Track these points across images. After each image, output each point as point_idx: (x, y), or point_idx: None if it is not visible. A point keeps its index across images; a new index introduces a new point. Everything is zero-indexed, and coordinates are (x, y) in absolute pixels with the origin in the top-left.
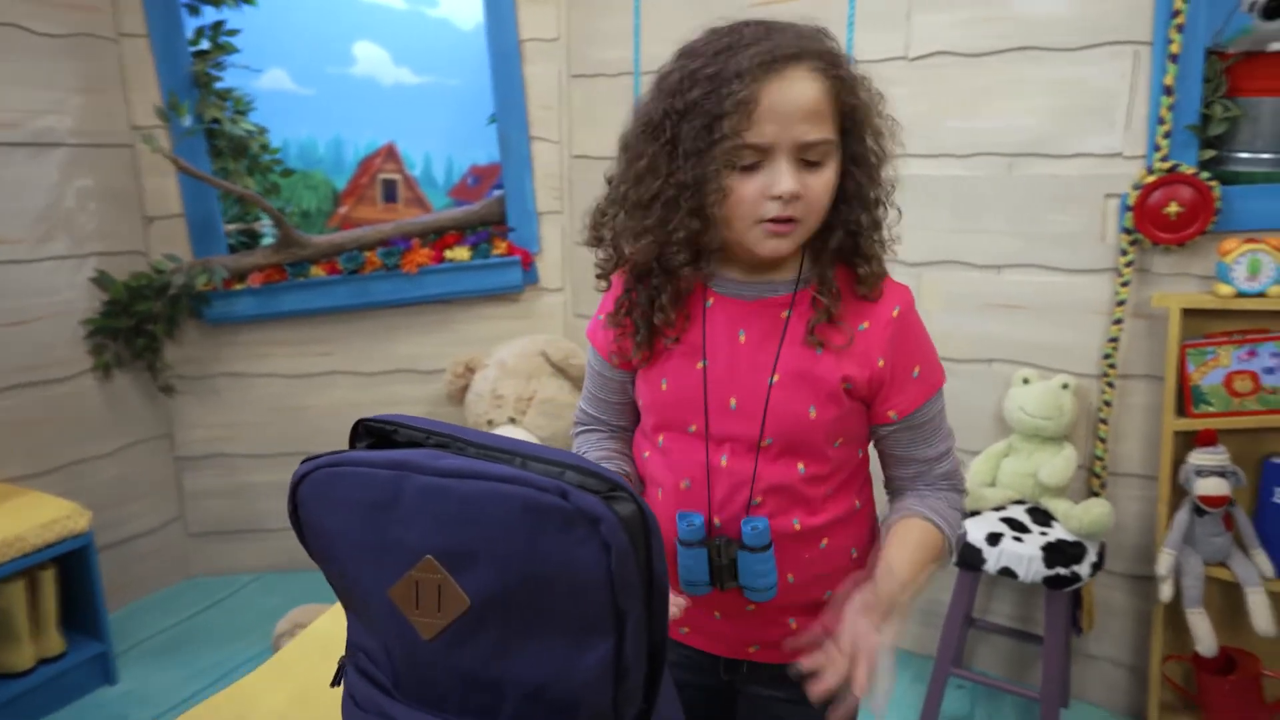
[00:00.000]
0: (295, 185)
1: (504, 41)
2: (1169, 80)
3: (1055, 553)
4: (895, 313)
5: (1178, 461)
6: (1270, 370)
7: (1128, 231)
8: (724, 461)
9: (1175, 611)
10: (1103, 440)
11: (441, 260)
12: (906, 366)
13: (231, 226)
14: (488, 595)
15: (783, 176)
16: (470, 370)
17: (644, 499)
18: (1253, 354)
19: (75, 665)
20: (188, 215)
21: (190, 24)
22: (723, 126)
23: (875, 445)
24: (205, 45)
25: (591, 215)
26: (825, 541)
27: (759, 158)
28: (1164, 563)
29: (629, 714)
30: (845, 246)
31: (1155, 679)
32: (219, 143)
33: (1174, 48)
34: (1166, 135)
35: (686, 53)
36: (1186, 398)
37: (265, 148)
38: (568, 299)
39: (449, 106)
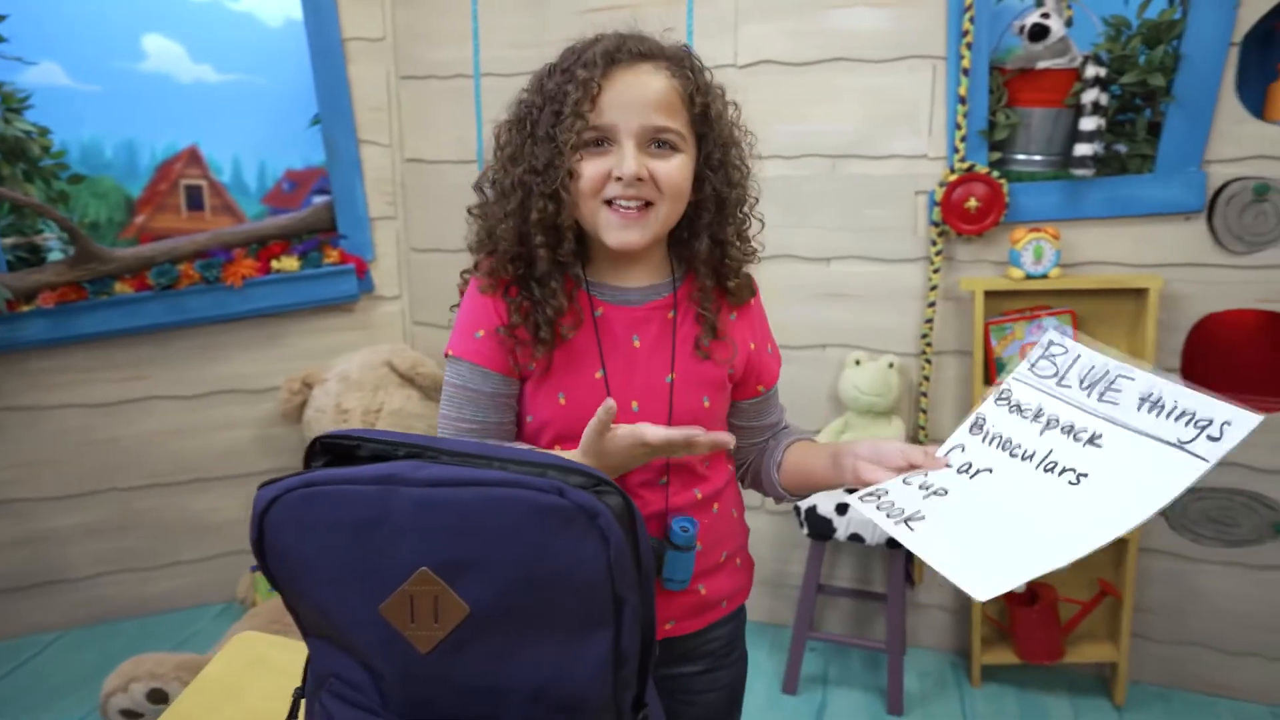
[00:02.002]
0: (80, 193)
1: (325, 40)
2: (962, 91)
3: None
4: (752, 300)
5: None
6: None
7: (936, 224)
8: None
9: None
10: (924, 411)
11: (268, 271)
12: (765, 344)
13: (8, 241)
14: (488, 601)
15: (626, 158)
16: (308, 386)
17: None
18: (1040, 327)
19: None
20: None
21: None
22: (568, 109)
23: (731, 419)
24: None
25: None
26: (717, 506)
27: (605, 139)
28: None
29: (627, 701)
30: (713, 258)
31: (976, 618)
32: None
33: (965, 63)
34: (963, 139)
35: (552, 61)
36: (991, 368)
37: (48, 151)
38: (405, 307)
39: (259, 107)
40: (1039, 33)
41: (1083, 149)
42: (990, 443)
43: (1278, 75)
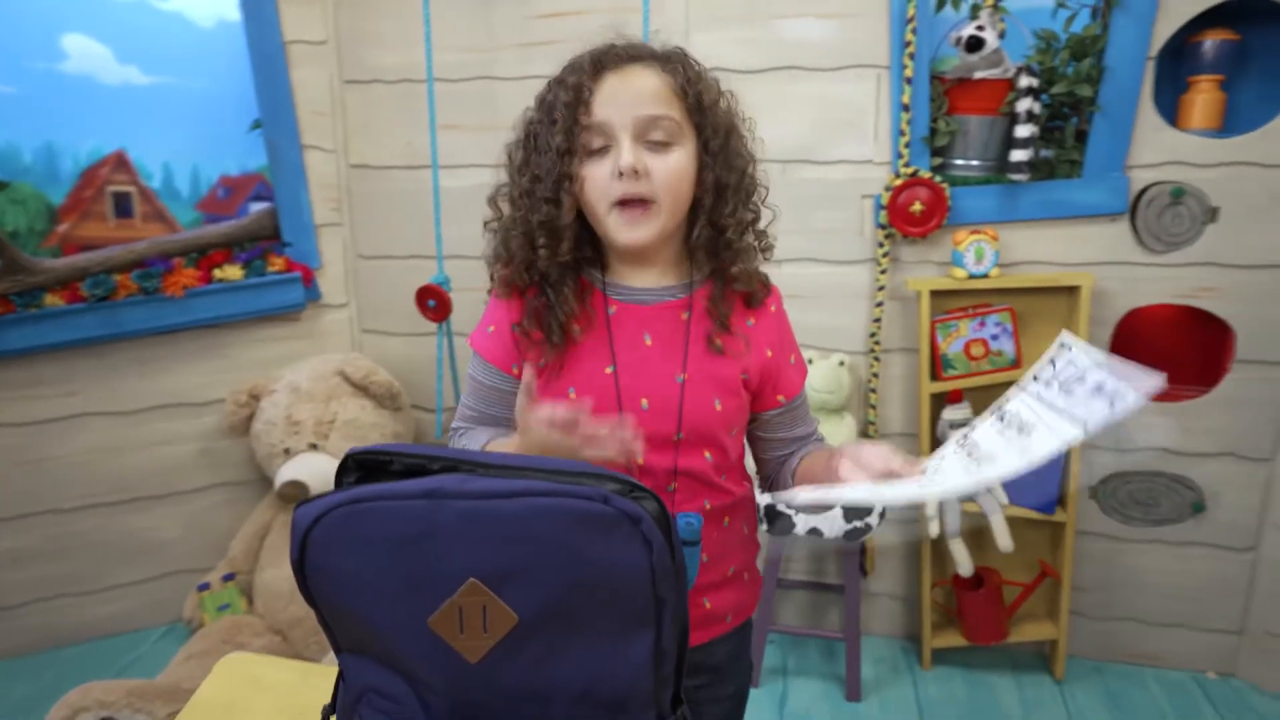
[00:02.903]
0: None
1: (266, 43)
2: (906, 99)
3: (850, 509)
4: (773, 309)
5: (934, 419)
6: (995, 337)
7: (882, 227)
8: (640, 459)
9: (936, 544)
10: (873, 407)
11: (210, 281)
12: (786, 355)
13: None
14: (535, 608)
15: (623, 151)
16: (255, 398)
17: None
18: (983, 324)
19: None
20: None
21: None
22: (559, 113)
23: (755, 431)
24: None
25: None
26: (728, 520)
27: (603, 141)
28: (932, 504)
29: (666, 698)
30: (715, 244)
31: (926, 603)
32: None
33: (908, 72)
34: (907, 145)
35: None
36: (937, 365)
37: None
38: (353, 315)
39: (191, 111)
40: (975, 44)
41: (1018, 155)
42: (965, 449)
43: (1188, 87)
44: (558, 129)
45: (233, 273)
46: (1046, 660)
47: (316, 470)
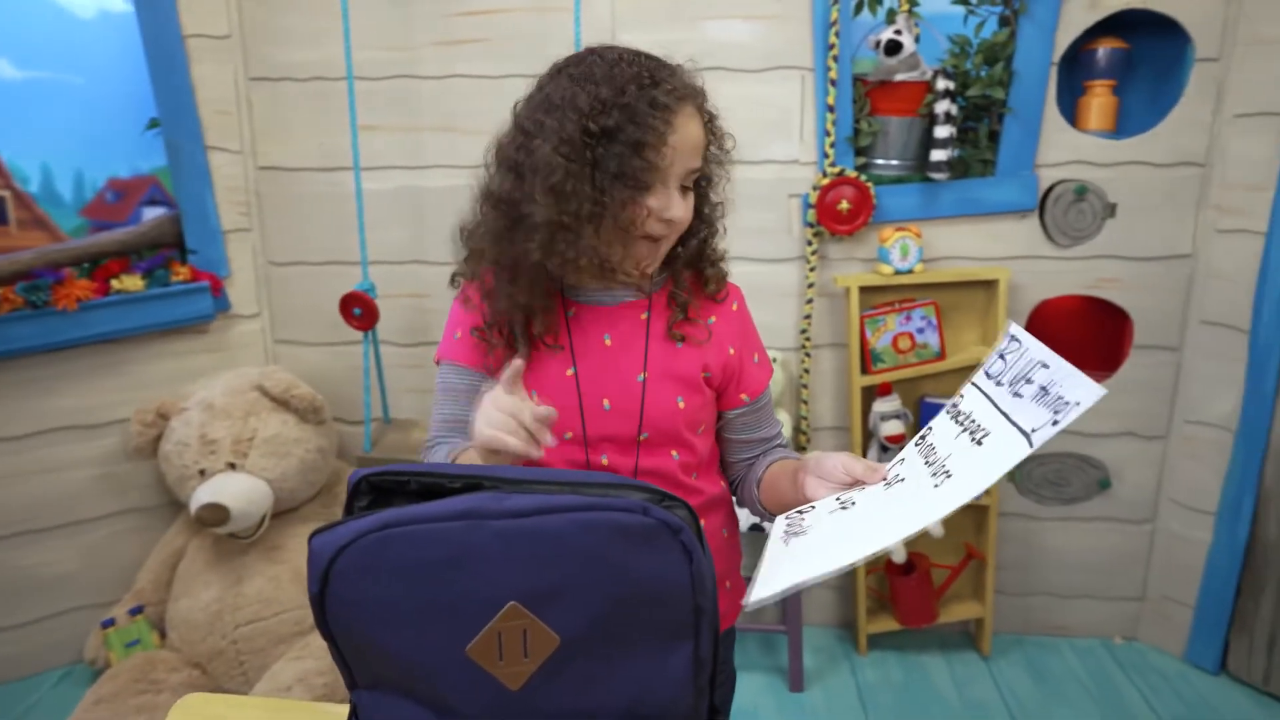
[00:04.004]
0: None
1: (163, 37)
2: (831, 100)
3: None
4: (735, 306)
5: (865, 411)
6: (921, 330)
7: (810, 225)
8: (605, 460)
9: None
10: (805, 402)
11: (107, 292)
12: (749, 353)
13: None
14: (577, 627)
15: (675, 204)
16: (163, 417)
17: None
18: (909, 318)
19: None
20: None
21: None
22: (644, 155)
23: (720, 432)
24: None
25: (465, 226)
26: (703, 522)
27: (658, 181)
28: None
29: (703, 708)
30: (696, 254)
31: (861, 591)
32: None
33: (832, 74)
34: (832, 145)
35: (581, 78)
36: (866, 359)
37: None
38: (266, 325)
39: (74, 109)
40: (893, 48)
41: (938, 155)
42: (922, 452)
43: (1084, 91)
44: (638, 166)
45: (132, 283)
46: (973, 638)
47: (237, 491)
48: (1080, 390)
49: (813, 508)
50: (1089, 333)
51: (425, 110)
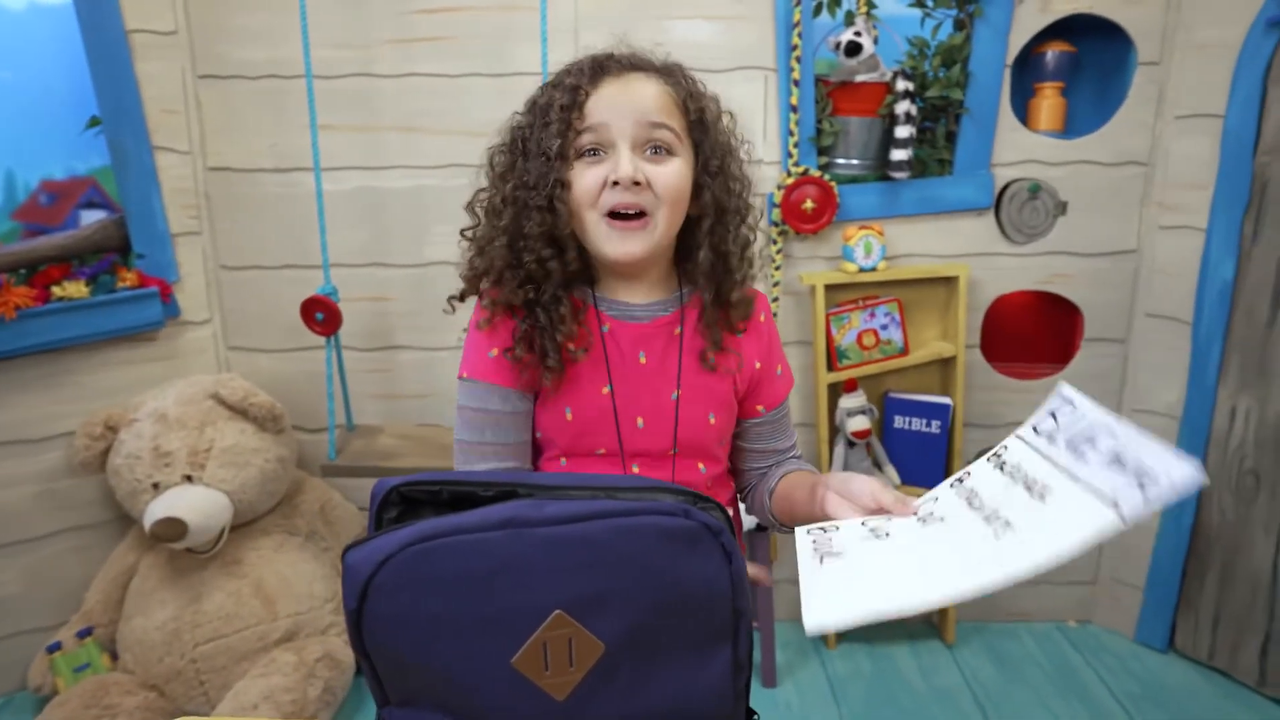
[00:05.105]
0: None
1: (106, 32)
2: (794, 100)
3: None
4: (762, 318)
5: (831, 408)
6: (885, 326)
7: (776, 224)
8: (635, 470)
9: None
10: None
11: (48, 300)
12: (773, 366)
13: None
14: (621, 633)
15: (621, 160)
16: (111, 429)
17: None
18: (873, 315)
19: None
20: None
21: None
22: (559, 118)
23: (735, 441)
24: None
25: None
26: None
27: (598, 146)
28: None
29: (741, 710)
30: (715, 271)
31: None
32: None
33: (795, 75)
34: (795, 145)
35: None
36: (832, 355)
37: None
38: (218, 331)
39: (2, 107)
40: (853, 49)
41: (899, 154)
42: (962, 495)
43: (1034, 93)
44: (552, 132)
45: (75, 290)
46: (935, 627)
47: (194, 504)
48: (1169, 468)
49: (837, 528)
50: (1042, 326)
51: (383, 110)
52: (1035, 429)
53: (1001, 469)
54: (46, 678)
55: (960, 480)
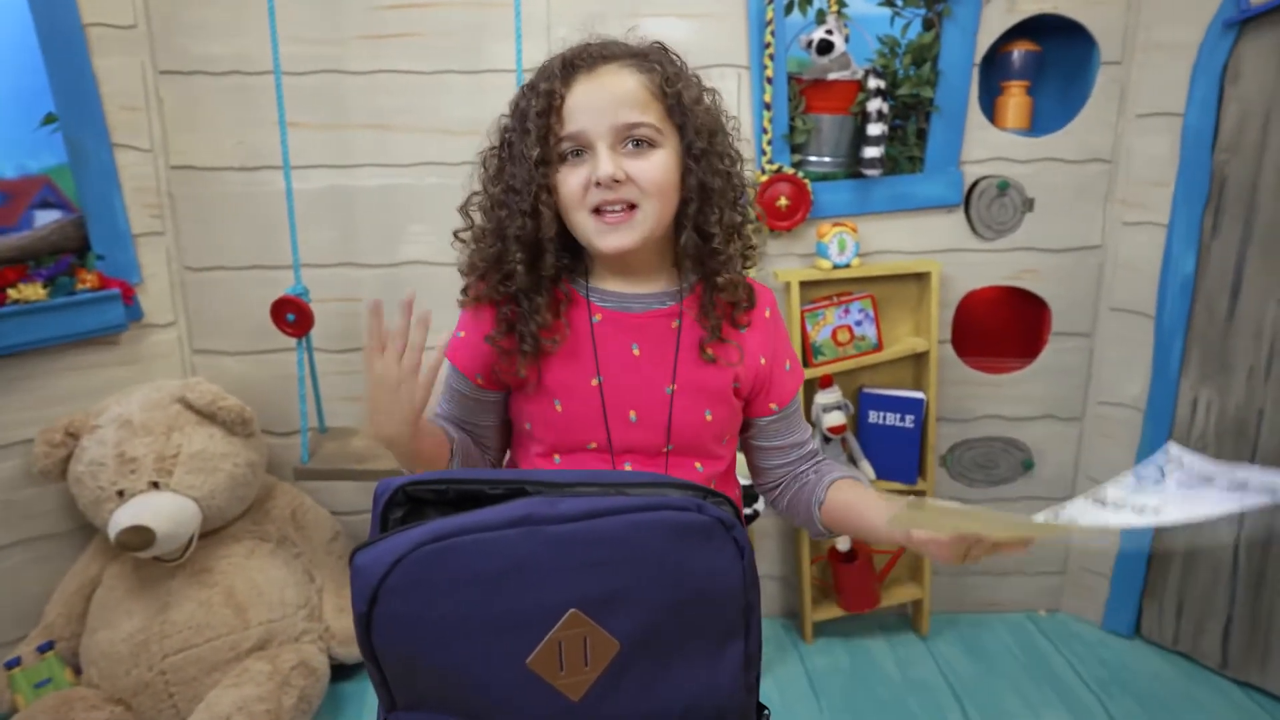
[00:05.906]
0: None
1: (60, 25)
2: (767, 98)
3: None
4: (768, 313)
5: (807, 404)
6: (859, 323)
7: (751, 221)
8: (628, 468)
9: None
10: None
11: (4, 302)
12: (781, 361)
13: None
14: (636, 631)
15: (601, 161)
16: (72, 436)
17: None
18: (847, 311)
19: None
20: None
21: None
22: (536, 124)
23: (750, 439)
24: None
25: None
26: None
27: (579, 148)
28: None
29: (753, 703)
30: (701, 251)
31: (806, 579)
32: None
33: (768, 72)
34: (769, 143)
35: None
36: (808, 351)
37: None
38: (183, 334)
39: None
40: (825, 47)
41: (871, 152)
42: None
43: (1001, 91)
44: (531, 139)
45: (32, 292)
46: (910, 620)
47: (161, 512)
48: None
49: (1064, 507)
50: (1011, 321)
51: (353, 107)
52: (1135, 475)
53: (1101, 505)
54: (5, 695)
55: (1056, 514)
